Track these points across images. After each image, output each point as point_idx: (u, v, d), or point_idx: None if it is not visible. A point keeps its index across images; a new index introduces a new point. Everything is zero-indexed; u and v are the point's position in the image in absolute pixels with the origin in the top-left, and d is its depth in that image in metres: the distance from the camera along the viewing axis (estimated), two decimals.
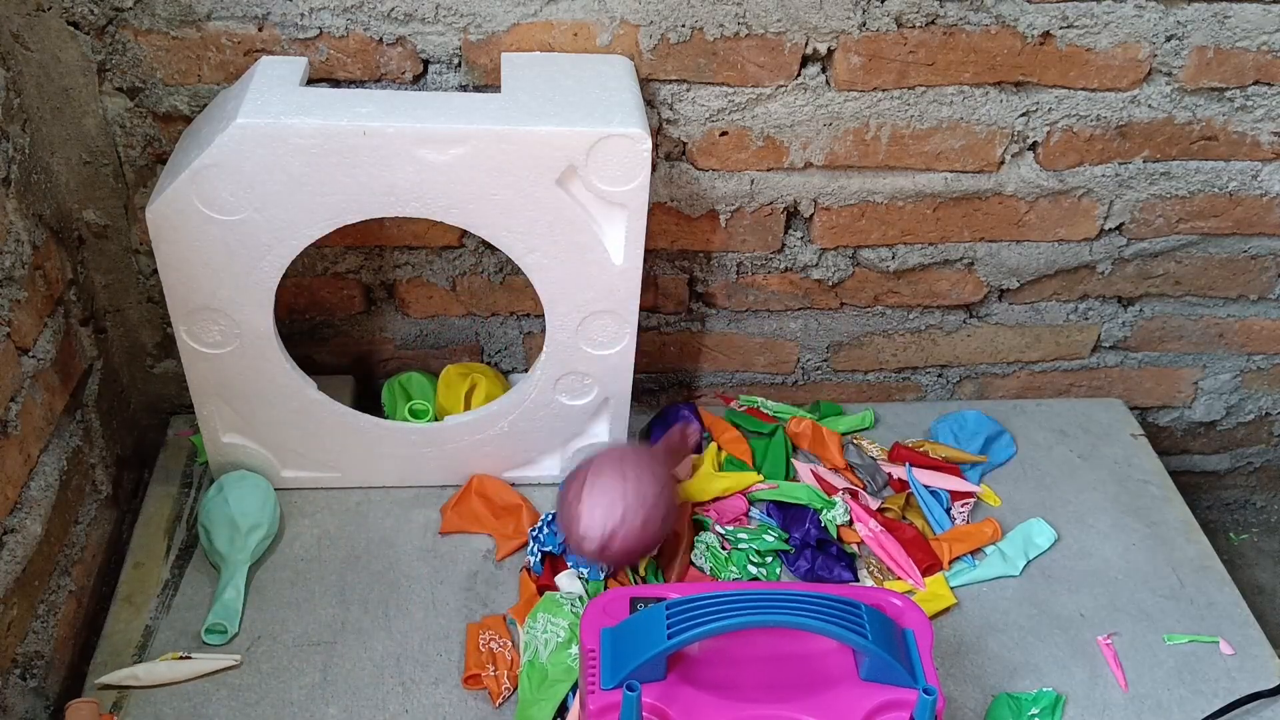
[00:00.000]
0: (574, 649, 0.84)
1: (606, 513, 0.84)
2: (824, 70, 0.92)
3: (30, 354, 0.83)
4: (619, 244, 0.85)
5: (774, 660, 0.75)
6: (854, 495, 1.00)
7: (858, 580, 0.94)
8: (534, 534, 0.94)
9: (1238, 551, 1.32)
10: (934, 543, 0.96)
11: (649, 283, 1.04)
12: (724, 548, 0.94)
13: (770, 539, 0.95)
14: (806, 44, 0.90)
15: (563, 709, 0.81)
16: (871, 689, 0.72)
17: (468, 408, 1.01)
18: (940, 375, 1.17)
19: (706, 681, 0.74)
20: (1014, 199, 1.02)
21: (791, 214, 1.01)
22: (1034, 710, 0.84)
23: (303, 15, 0.85)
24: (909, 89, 0.93)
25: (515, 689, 0.84)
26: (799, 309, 1.08)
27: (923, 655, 0.74)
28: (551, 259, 0.85)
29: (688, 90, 0.92)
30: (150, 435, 1.07)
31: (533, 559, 0.92)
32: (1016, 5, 0.89)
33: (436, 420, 1.01)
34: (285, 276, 0.84)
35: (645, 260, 0.89)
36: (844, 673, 0.74)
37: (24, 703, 0.80)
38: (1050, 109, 0.96)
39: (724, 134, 0.94)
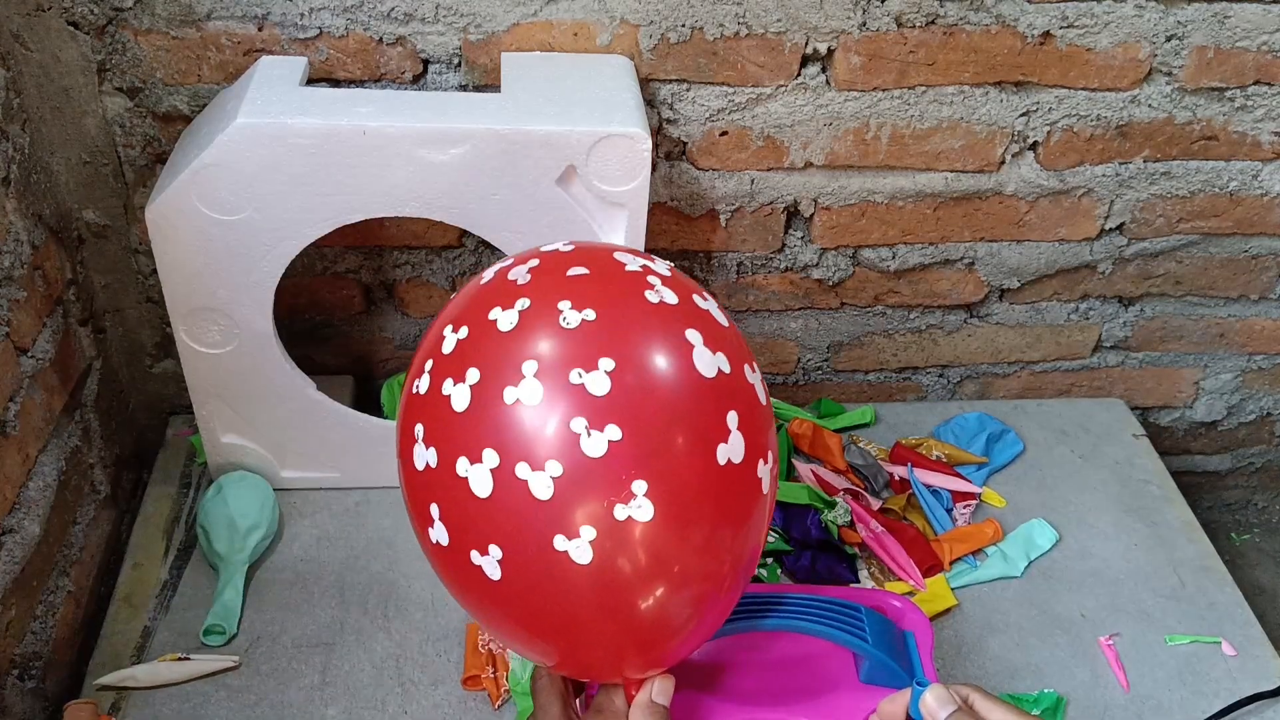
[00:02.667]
0: None
1: None
2: (824, 70, 0.92)
3: (29, 354, 0.83)
4: (619, 244, 0.85)
5: (773, 663, 0.75)
6: (855, 496, 0.99)
7: (858, 581, 0.94)
8: None
9: (1239, 552, 1.32)
10: (935, 543, 0.96)
11: None
12: None
13: (770, 539, 0.95)
14: (806, 44, 0.90)
15: None
16: (872, 691, 0.72)
17: None
18: (941, 375, 1.17)
19: (705, 684, 0.74)
20: (1014, 199, 1.02)
21: (792, 214, 1.01)
22: (1035, 711, 0.83)
23: (302, 15, 0.85)
24: (909, 89, 0.93)
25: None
26: (799, 309, 1.08)
27: (923, 657, 0.74)
28: None
29: (688, 90, 0.92)
30: (149, 435, 1.07)
31: None
32: (1017, 5, 0.89)
33: None
34: (284, 276, 0.84)
35: None
36: (844, 675, 0.74)
37: (22, 704, 0.80)
38: (1050, 109, 0.96)
39: (724, 134, 0.94)
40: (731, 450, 0.46)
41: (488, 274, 0.53)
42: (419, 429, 0.46)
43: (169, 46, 0.85)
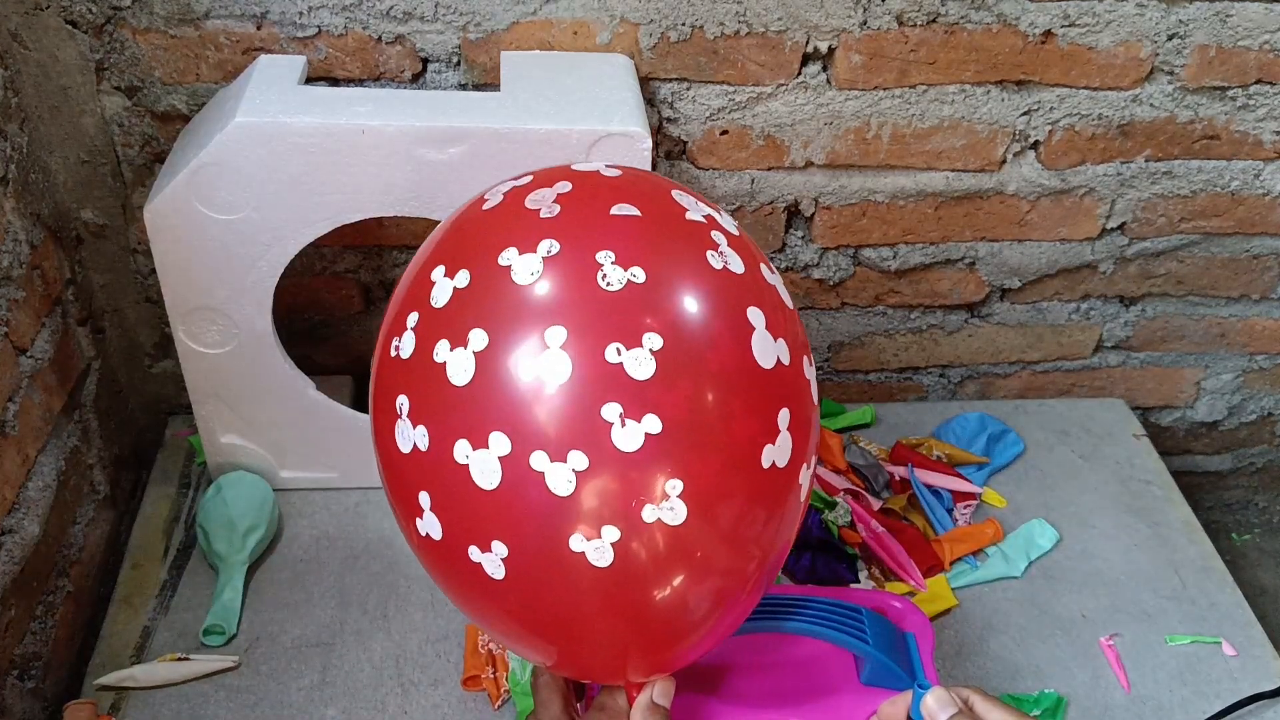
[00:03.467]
0: None
1: None
2: (825, 69, 0.92)
3: (28, 354, 0.83)
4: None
5: (774, 665, 0.75)
6: (855, 496, 0.99)
7: (859, 581, 0.93)
8: None
9: (1240, 552, 1.32)
10: (935, 544, 0.96)
11: None
12: None
13: None
14: (807, 42, 0.90)
15: None
16: (872, 693, 0.72)
17: None
18: (942, 375, 1.16)
19: (706, 685, 0.73)
20: (1015, 198, 1.01)
21: (792, 213, 1.01)
22: (1036, 712, 0.83)
23: (301, 14, 0.85)
24: (910, 88, 0.93)
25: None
26: (800, 309, 1.08)
27: (924, 658, 0.74)
28: None
29: (688, 89, 0.92)
30: (148, 435, 1.07)
31: None
32: (1018, 4, 0.89)
33: None
34: (283, 276, 0.84)
35: None
36: (845, 677, 0.74)
37: (22, 704, 0.80)
38: (1052, 108, 0.96)
39: (724, 133, 0.94)
40: (778, 453, 0.40)
41: (493, 195, 0.42)
42: (402, 402, 0.39)
43: (167, 45, 0.85)
